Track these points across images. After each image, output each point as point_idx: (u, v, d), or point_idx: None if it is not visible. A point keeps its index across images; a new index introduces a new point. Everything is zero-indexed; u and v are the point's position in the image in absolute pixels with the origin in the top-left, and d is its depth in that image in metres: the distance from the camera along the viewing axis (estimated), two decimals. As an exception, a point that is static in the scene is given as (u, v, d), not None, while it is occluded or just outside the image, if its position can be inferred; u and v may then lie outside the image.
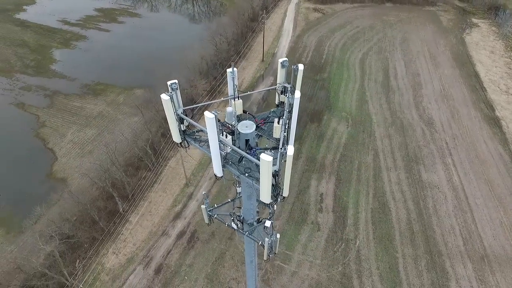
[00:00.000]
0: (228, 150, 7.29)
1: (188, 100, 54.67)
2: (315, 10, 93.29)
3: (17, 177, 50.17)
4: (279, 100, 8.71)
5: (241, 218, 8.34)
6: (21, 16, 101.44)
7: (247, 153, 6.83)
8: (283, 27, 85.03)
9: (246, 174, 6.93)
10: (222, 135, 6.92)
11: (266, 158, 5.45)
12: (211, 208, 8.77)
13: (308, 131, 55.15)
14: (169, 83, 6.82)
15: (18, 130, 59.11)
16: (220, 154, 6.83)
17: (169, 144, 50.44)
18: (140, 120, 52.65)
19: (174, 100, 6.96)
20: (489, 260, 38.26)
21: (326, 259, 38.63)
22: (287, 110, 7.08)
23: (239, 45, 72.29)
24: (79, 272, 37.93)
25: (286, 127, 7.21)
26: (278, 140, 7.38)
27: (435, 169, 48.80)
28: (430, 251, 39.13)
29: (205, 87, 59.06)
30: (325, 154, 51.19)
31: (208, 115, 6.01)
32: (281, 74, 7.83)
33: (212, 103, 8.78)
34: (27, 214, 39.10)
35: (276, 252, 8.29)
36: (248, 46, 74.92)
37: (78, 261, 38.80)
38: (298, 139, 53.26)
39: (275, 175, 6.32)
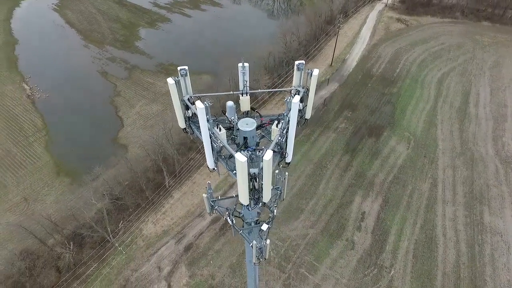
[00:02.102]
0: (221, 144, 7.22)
1: (248, 93, 55.77)
2: (399, 20, 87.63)
3: (89, 137, 56.35)
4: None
5: (241, 215, 8.28)
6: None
7: (245, 150, 6.71)
8: (360, 34, 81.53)
9: (234, 172, 6.82)
10: (217, 128, 6.88)
11: (240, 158, 5.28)
12: (214, 199, 8.86)
13: (364, 144, 52.49)
14: (179, 68, 6.97)
15: (97, 96, 66.13)
16: (214, 147, 6.81)
17: (222, 132, 52.11)
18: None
19: (182, 86, 7.08)
20: (548, 332, 32.86)
21: (354, 280, 36.73)
22: (286, 114, 6.75)
23: (310, 46, 71.24)
24: (120, 232, 41.48)
25: (284, 132, 6.88)
26: (280, 143, 7.08)
27: (503, 214, 43.05)
28: (475, 302, 34.89)
29: (267, 82, 59.58)
30: (377, 172, 48.30)
31: (199, 105, 6.00)
32: (296, 77, 7.49)
33: (220, 95, 8.70)
34: (88, 171, 43.70)
35: (266, 257, 8.09)
36: (318, 48, 73.47)
37: (121, 222, 42.41)
38: (351, 151, 51.07)
39: (254, 177, 6.10)
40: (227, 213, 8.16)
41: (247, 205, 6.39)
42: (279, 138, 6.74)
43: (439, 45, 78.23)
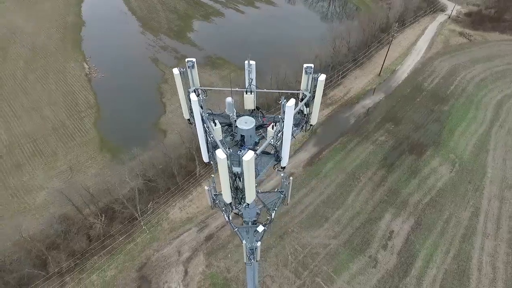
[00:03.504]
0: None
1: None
2: (461, 34, 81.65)
3: (133, 118, 59.53)
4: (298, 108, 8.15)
5: (240, 213, 8.26)
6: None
7: (239, 148, 6.67)
8: (416, 45, 77.26)
9: (223, 168, 6.80)
10: (213, 123, 6.90)
11: (220, 155, 5.22)
12: (217, 193, 8.92)
13: (402, 161, 49.88)
14: (186, 60, 7.08)
15: (146, 81, 69.52)
16: (209, 141, 6.84)
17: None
18: (238, 100, 55.89)
19: (188, 78, 7.19)
20: None
21: (371, 300, 35.23)
22: (281, 117, 6.60)
23: (359, 52, 68.94)
24: (148, 212, 43.47)
25: (280, 135, 6.70)
26: (275, 146, 6.95)
27: (552, 259, 38.71)
28: None
29: (309, 85, 58.70)
30: (413, 191, 45.71)
31: (193, 97, 6.04)
32: (304, 80, 7.26)
33: (228, 90, 8.78)
34: (127, 151, 46.25)
35: (258, 259, 8.00)
36: (368, 56, 70.85)
37: (151, 202, 44.40)
38: (388, 166, 48.79)
39: (237, 176, 6.02)
40: (224, 208, 8.21)
41: (229, 204, 6.38)
42: (272, 140, 6.62)
43: (504, 65, 71.81)
